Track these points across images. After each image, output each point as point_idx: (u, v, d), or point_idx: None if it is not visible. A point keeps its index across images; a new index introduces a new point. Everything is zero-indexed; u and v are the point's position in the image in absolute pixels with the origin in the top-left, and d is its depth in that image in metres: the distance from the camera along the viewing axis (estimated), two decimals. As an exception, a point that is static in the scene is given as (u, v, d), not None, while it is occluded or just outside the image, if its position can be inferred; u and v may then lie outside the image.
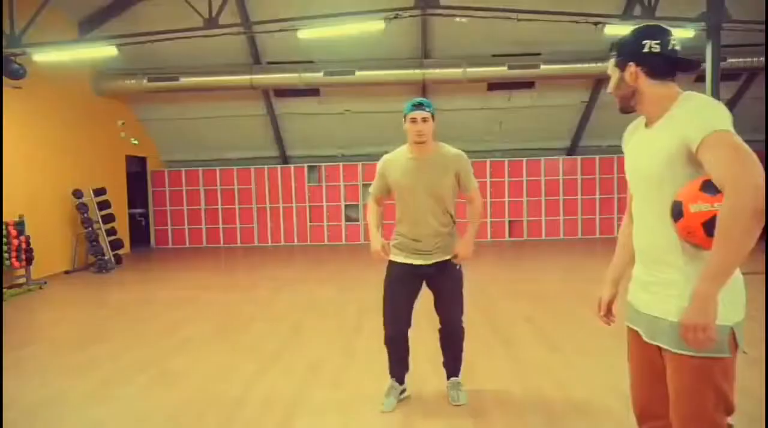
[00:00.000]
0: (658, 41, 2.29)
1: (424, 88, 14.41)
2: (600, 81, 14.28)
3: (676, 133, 2.15)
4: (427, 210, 4.10)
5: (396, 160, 4.23)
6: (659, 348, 2.27)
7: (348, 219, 16.08)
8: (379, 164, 4.32)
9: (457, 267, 4.21)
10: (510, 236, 15.74)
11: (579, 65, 13.40)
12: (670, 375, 2.23)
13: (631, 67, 2.32)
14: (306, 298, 8.84)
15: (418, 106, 4.07)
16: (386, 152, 4.34)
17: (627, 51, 2.36)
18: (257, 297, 9.02)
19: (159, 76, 13.63)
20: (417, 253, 4.14)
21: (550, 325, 6.66)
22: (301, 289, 9.62)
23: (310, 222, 16.12)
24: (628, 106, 2.42)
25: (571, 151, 16.33)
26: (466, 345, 4.40)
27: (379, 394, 4.39)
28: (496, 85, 14.60)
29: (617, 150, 12.14)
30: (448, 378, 4.45)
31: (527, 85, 14.60)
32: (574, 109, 15.38)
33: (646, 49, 2.29)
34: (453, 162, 4.15)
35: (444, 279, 4.20)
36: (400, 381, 4.42)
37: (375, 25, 10.44)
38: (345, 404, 4.48)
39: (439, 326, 4.31)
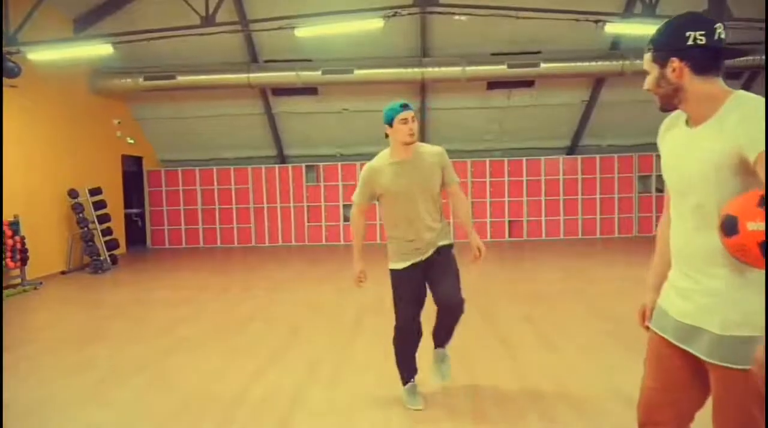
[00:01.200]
0: (703, 32, 2.09)
1: (422, 86, 14.43)
2: (601, 80, 14.35)
3: (728, 137, 2.00)
4: (422, 209, 4.16)
5: (382, 168, 4.22)
6: (687, 356, 2.22)
7: (346, 219, 16.06)
8: (365, 173, 4.28)
9: (451, 251, 4.31)
10: (510, 236, 15.75)
11: (579, 64, 13.38)
12: (714, 386, 2.15)
13: (674, 63, 2.13)
14: (304, 299, 8.85)
15: (405, 106, 4.11)
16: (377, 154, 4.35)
17: (668, 44, 2.16)
18: (255, 298, 9.03)
19: (155, 74, 13.61)
20: (415, 252, 4.20)
21: (549, 326, 6.67)
22: (299, 290, 9.64)
23: (308, 222, 16.12)
24: (670, 105, 2.24)
25: (571, 150, 16.34)
26: (465, 344, 4.43)
27: (378, 393, 4.41)
28: (495, 84, 14.60)
29: (618, 149, 12.12)
30: (435, 347, 4.53)
31: (527, 83, 14.59)
32: (574, 108, 15.39)
33: (690, 42, 2.09)
34: (438, 157, 4.23)
35: (438, 259, 4.24)
36: (412, 378, 4.46)
37: (373, 23, 10.46)
38: (344, 404, 4.50)
39: (435, 303, 4.28)
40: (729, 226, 1.95)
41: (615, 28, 11.30)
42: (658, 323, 2.39)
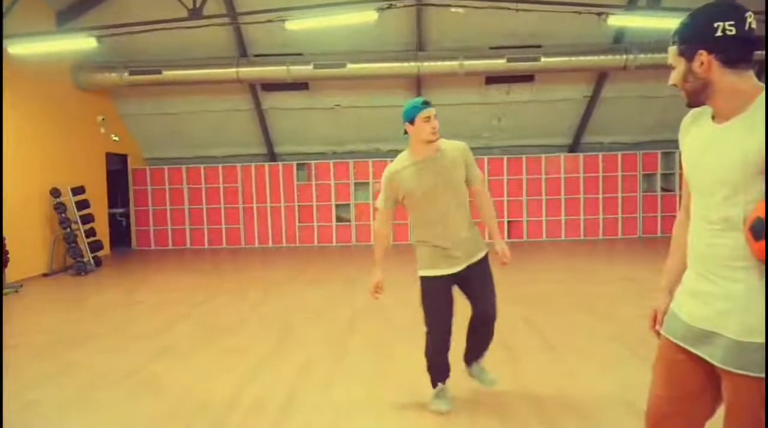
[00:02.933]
0: (732, 22, 2.01)
1: (418, 81, 14.47)
2: (603, 74, 14.38)
3: (757, 137, 1.96)
4: (451, 208, 4.18)
5: (404, 169, 4.20)
6: (700, 362, 2.20)
7: (339, 219, 16.09)
8: (386, 177, 4.28)
9: (487, 261, 4.33)
10: (509, 237, 15.73)
11: (581, 58, 13.42)
12: (727, 393, 2.13)
13: (702, 56, 2.07)
14: (295, 301, 8.89)
15: (427, 103, 4.13)
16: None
17: (695, 36, 2.09)
18: (245, 300, 9.06)
19: (141, 69, 13.63)
20: (449, 260, 4.20)
21: (551, 329, 6.72)
22: (290, 292, 9.68)
23: (299, 222, 16.14)
24: (698, 101, 2.19)
25: (573, 147, 16.39)
26: (463, 348, 4.47)
27: (372, 399, 4.44)
28: (494, 79, 14.64)
29: (621, 147, 12.17)
30: (471, 363, 4.62)
31: (527, 78, 14.65)
32: (576, 104, 15.44)
33: (719, 33, 2.02)
34: (461, 152, 4.24)
35: (476, 271, 4.26)
36: (445, 380, 4.48)
37: (367, 16, 10.48)
38: (337, 407, 4.54)
39: (472, 316, 4.36)
40: (757, 230, 1.94)
41: (618, 20, 11.36)
42: (669, 328, 2.36)
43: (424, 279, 4.28)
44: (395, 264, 4.06)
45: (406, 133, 4.20)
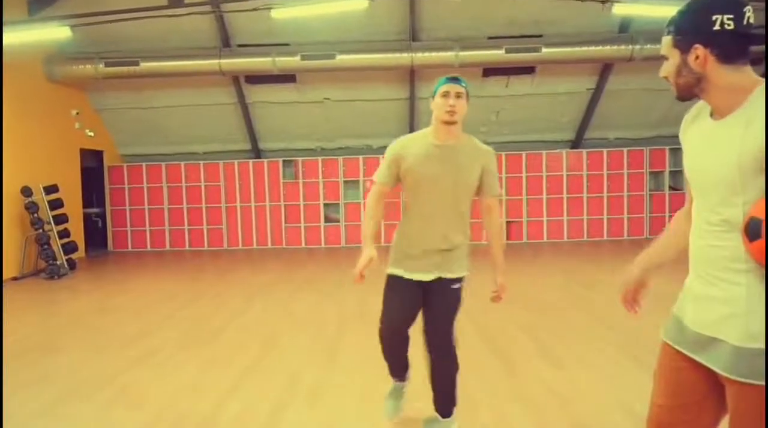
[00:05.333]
0: (731, 15, 2.01)
1: (412, 73, 14.47)
2: (608, 66, 14.41)
3: (753, 133, 1.97)
4: (449, 211, 3.92)
5: (415, 145, 3.95)
6: (702, 370, 2.21)
7: (327, 219, 16.11)
8: (392, 147, 4.02)
9: (459, 290, 4.04)
10: (508, 238, 15.75)
11: (584, 48, 13.39)
12: (731, 402, 2.13)
13: (698, 50, 2.07)
14: (281, 306, 8.90)
15: (454, 79, 3.91)
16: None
17: (692, 29, 2.09)
18: (227, 306, 9.06)
19: (117, 60, 13.56)
20: (420, 264, 3.96)
21: (552, 337, 6.74)
22: (276, 297, 9.69)
23: (286, 222, 16.17)
24: (689, 95, 2.19)
25: (575, 143, 16.46)
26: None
27: (363, 410, 4.45)
28: (492, 71, 14.66)
29: (627, 142, 12.20)
30: (441, 417, 4.21)
31: (527, 70, 14.66)
32: (579, 98, 15.48)
33: (716, 26, 2.02)
34: (483, 155, 3.98)
35: (441, 286, 3.97)
36: (402, 379, 4.38)
37: (357, 4, 10.49)
38: (326, 422, 4.55)
39: (427, 353, 4.07)
40: (752, 230, 1.96)
41: (624, 8, 11.38)
42: (671, 333, 2.37)
43: (391, 277, 4.07)
44: (384, 265, 3.99)
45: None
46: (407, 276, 3.98)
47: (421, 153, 3.89)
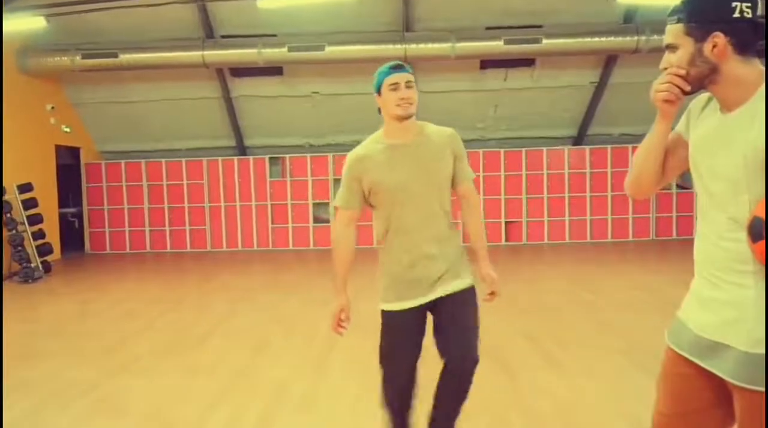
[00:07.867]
0: (749, 3, 1.99)
1: (406, 66, 14.44)
2: (612, 58, 14.44)
3: (757, 128, 1.97)
4: (436, 212, 3.56)
5: (372, 153, 3.58)
6: (708, 376, 2.19)
7: (316, 219, 16.13)
8: (348, 163, 3.64)
9: (473, 294, 3.64)
10: (507, 240, 15.88)
11: (587, 39, 13.38)
12: (738, 410, 2.11)
13: (718, 38, 2.03)
14: (269, 311, 8.96)
15: (398, 67, 3.57)
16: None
17: (711, 15, 2.05)
18: (212, 310, 9.12)
19: (95, 52, 13.57)
20: (416, 285, 3.55)
21: (553, 343, 6.77)
22: (263, 301, 9.74)
23: (272, 223, 16.20)
24: (697, 88, 2.17)
25: (578, 140, 16.48)
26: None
27: (354, 420, 4.49)
28: (490, 63, 14.71)
29: (632, 139, 12.29)
30: None
31: (527, 62, 14.72)
32: (581, 91, 15.51)
33: (736, 14, 1.99)
34: (448, 141, 3.64)
35: (455, 300, 3.57)
36: None
37: (349, -7, 10.52)
38: (317, 429, 4.60)
39: (443, 364, 3.52)
40: (755, 230, 1.96)
41: (627, -1, 11.43)
42: (675, 338, 2.36)
43: (385, 314, 3.66)
44: (374, 266, 3.83)
45: (380, 111, 3.67)
46: (407, 306, 3.57)
47: (382, 160, 3.55)
